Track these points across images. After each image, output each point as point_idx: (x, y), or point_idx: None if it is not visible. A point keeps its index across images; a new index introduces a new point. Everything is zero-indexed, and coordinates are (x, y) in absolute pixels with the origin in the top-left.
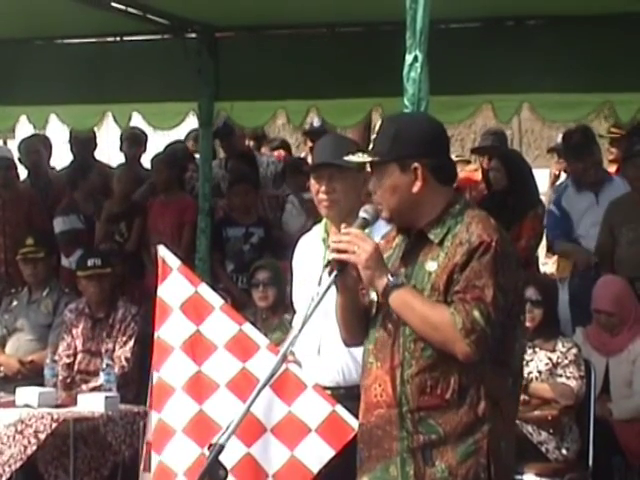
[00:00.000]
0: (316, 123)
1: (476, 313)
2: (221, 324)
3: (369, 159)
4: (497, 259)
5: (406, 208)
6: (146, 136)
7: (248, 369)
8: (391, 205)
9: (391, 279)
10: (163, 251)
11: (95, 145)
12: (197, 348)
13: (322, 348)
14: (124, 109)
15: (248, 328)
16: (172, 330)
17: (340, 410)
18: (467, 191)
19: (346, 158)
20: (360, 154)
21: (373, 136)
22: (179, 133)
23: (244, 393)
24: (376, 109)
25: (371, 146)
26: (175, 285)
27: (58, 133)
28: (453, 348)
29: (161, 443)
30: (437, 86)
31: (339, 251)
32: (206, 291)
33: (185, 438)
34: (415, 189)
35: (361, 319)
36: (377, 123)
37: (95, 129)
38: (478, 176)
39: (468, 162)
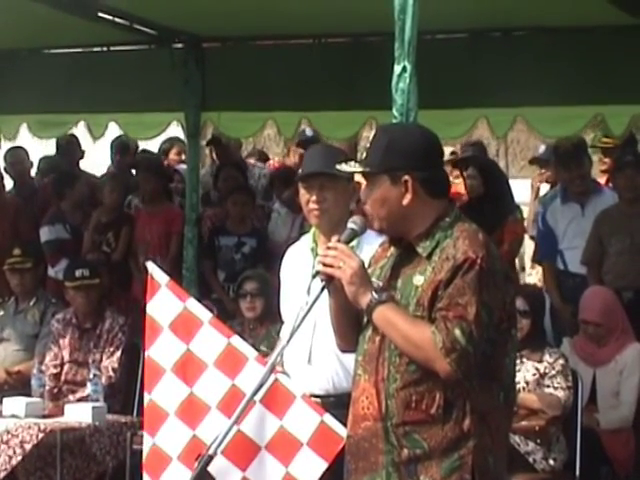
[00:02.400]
0: (308, 133)
1: (457, 332)
2: (210, 339)
3: (360, 169)
4: (482, 276)
5: (396, 220)
6: (136, 144)
7: (238, 386)
8: (381, 216)
9: (375, 296)
10: (151, 267)
11: (81, 155)
12: (188, 368)
13: (313, 357)
14: (100, 119)
15: (236, 341)
16: (162, 350)
17: (328, 420)
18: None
19: (338, 167)
20: (352, 164)
21: (367, 145)
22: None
23: (234, 412)
24: (369, 122)
25: (364, 155)
26: (164, 302)
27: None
28: (434, 367)
29: (157, 471)
30: (427, 98)
31: (325, 265)
32: (195, 306)
33: (180, 466)
34: (405, 202)
35: (354, 324)
36: (365, 134)
37: (78, 138)
38: (462, 188)
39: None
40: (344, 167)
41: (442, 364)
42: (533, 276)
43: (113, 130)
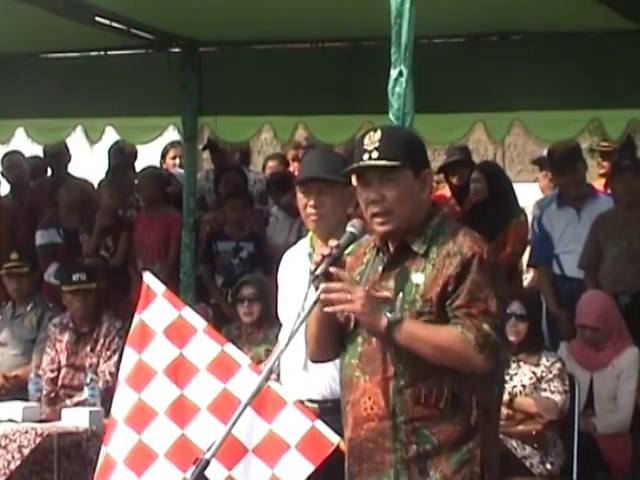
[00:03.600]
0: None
1: (486, 326)
2: (203, 346)
3: (392, 163)
4: (492, 270)
5: (413, 216)
6: (134, 150)
7: (229, 390)
8: (405, 213)
9: (390, 316)
10: (148, 277)
11: (69, 159)
12: (179, 371)
13: (309, 362)
14: (97, 123)
15: (230, 348)
16: (155, 354)
17: (319, 425)
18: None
19: (363, 164)
20: (367, 160)
21: (374, 145)
22: (158, 147)
23: (225, 415)
24: (366, 126)
25: (375, 155)
26: (159, 310)
27: (26, 147)
28: (469, 365)
29: (141, 466)
30: (425, 103)
31: (331, 303)
32: (189, 314)
33: (167, 463)
34: (424, 196)
35: (335, 334)
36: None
37: (67, 142)
38: (447, 193)
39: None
40: (369, 163)
41: (477, 361)
42: (528, 280)
43: (110, 135)
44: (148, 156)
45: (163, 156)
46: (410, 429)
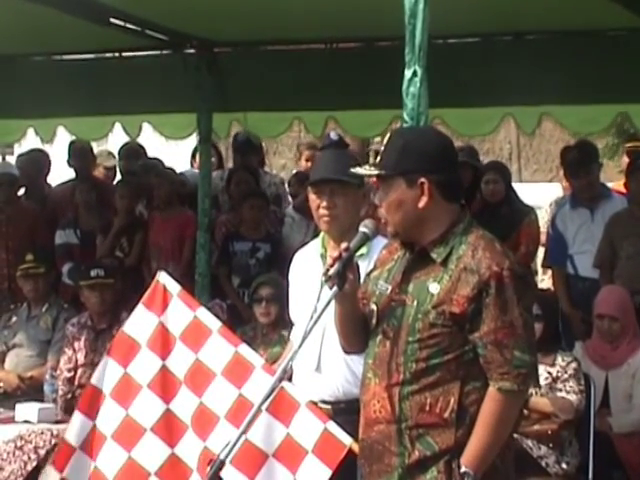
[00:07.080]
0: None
1: (517, 352)
2: (218, 348)
3: (376, 172)
4: (516, 286)
5: (411, 223)
6: (144, 149)
7: (244, 395)
8: (396, 220)
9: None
10: (163, 277)
11: (93, 159)
12: (197, 378)
13: (322, 364)
14: (134, 120)
15: (243, 349)
16: (177, 361)
17: (331, 427)
18: None
19: (354, 170)
20: (367, 167)
21: (379, 148)
22: (189, 144)
23: (242, 422)
24: (396, 120)
25: (379, 159)
26: (176, 312)
27: (65, 146)
28: (523, 401)
29: None
30: (453, 97)
31: None
32: (204, 314)
33: (198, 477)
34: (421, 204)
35: (360, 329)
36: (375, 137)
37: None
38: None
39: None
40: (359, 170)
41: (525, 394)
42: (546, 281)
43: (146, 131)
44: (176, 156)
45: (193, 155)
46: (414, 435)
